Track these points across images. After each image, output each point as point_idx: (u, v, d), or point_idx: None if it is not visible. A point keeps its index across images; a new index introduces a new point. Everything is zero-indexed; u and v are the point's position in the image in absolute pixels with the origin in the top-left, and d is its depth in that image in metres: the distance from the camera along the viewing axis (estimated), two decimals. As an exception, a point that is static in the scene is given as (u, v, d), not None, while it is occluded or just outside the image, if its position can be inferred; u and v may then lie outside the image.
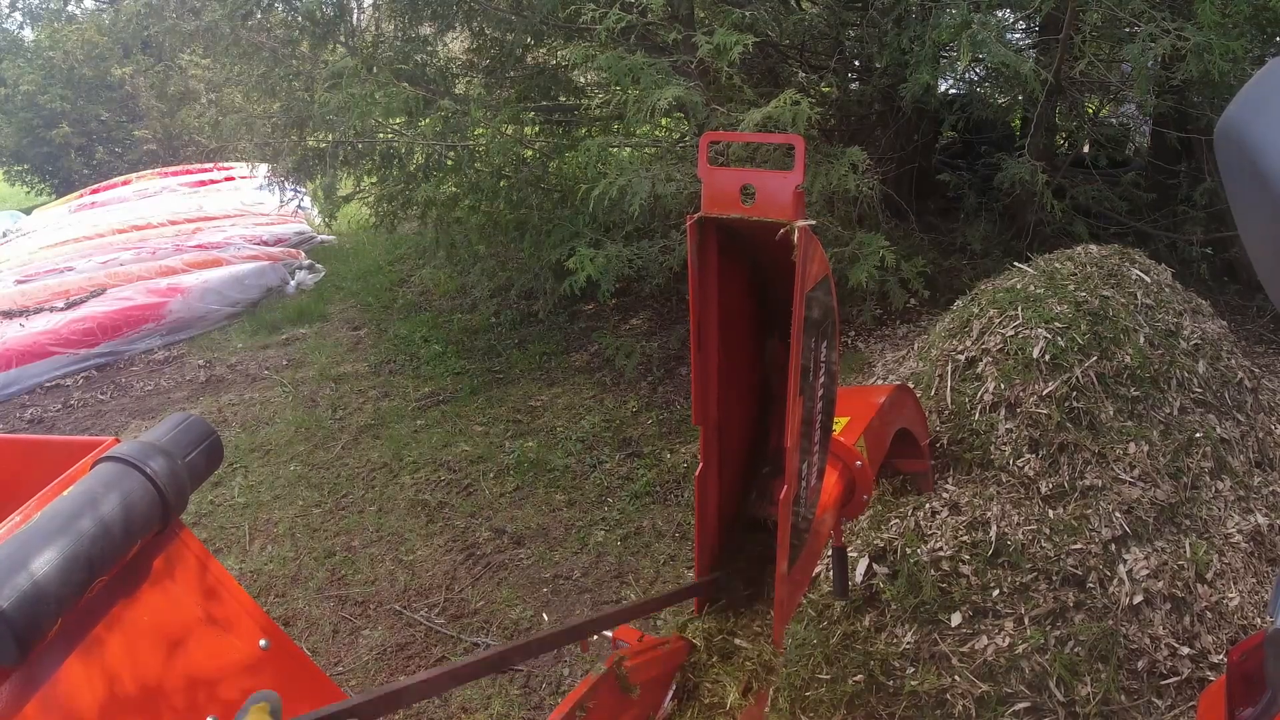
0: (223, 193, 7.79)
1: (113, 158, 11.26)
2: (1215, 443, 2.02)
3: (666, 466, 2.95)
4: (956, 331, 2.17)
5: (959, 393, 2.02)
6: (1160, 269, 2.39)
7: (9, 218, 8.47)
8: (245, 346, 4.90)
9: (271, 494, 3.16)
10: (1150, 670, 1.66)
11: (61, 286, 5.31)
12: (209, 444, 0.96)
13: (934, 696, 1.67)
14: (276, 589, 2.61)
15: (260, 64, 3.95)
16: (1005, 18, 3.63)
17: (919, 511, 1.90)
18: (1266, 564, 1.89)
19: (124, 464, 0.87)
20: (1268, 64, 0.73)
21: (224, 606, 0.97)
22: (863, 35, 3.59)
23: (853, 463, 1.34)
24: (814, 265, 0.98)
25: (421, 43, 3.84)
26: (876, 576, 1.85)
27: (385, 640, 2.33)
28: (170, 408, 4.23)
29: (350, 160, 3.98)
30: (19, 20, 13.68)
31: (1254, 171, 0.68)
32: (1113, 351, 2.01)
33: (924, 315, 3.67)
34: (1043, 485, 1.84)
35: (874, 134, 4.05)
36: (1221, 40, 2.50)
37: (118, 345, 4.89)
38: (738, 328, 1.17)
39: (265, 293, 5.63)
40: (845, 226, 3.25)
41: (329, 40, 3.85)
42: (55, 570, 0.75)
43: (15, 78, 11.10)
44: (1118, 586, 1.73)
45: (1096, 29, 3.25)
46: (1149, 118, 3.96)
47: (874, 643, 1.77)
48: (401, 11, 3.63)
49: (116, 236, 6.57)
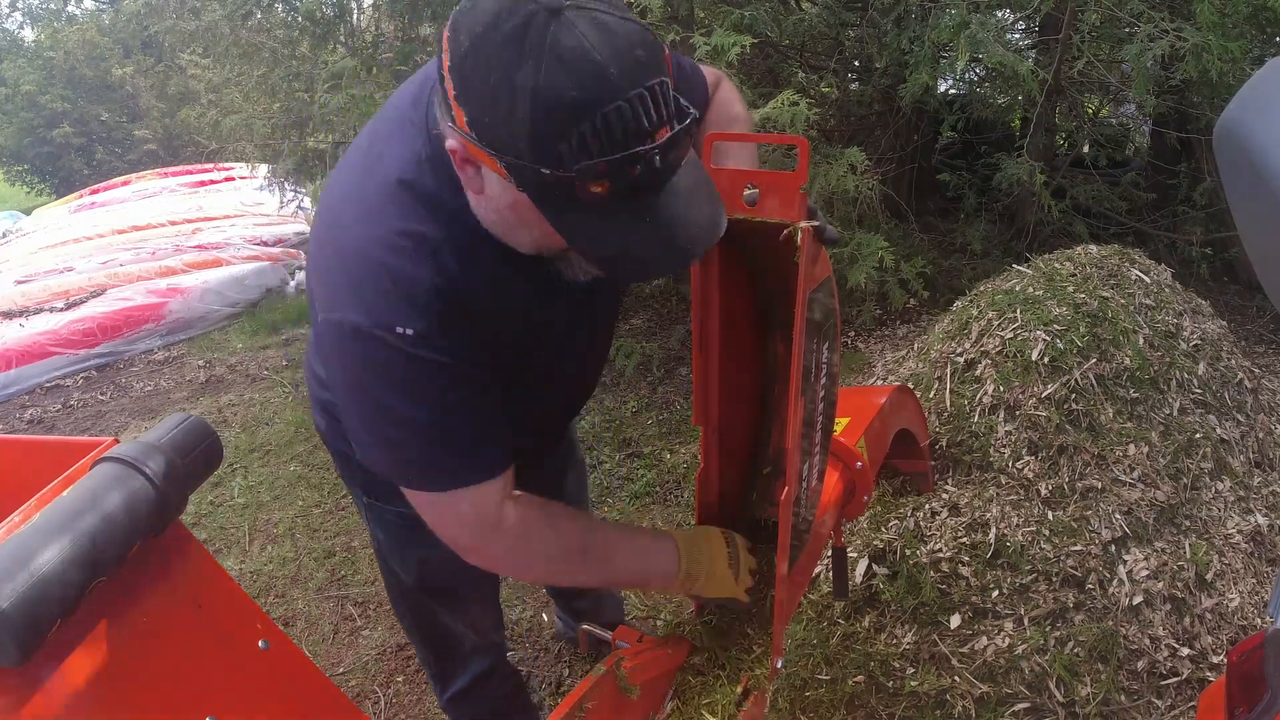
0: (223, 193, 7.77)
1: (113, 158, 11.25)
2: (1215, 443, 2.02)
3: (666, 467, 2.95)
4: (955, 333, 2.17)
5: (958, 395, 2.02)
6: (1160, 269, 2.39)
7: (9, 218, 8.46)
8: (245, 346, 4.90)
9: (271, 494, 3.17)
10: (1150, 671, 1.66)
11: (61, 287, 5.31)
12: (209, 444, 0.97)
13: (934, 697, 1.67)
14: (276, 589, 2.61)
15: (260, 64, 3.95)
16: (1004, 18, 3.63)
17: (919, 513, 1.91)
18: (1266, 564, 1.89)
19: (124, 464, 0.87)
20: (1267, 64, 0.73)
21: (224, 607, 0.98)
22: (862, 35, 3.59)
23: (853, 464, 1.34)
24: (817, 266, 0.98)
25: (421, 43, 3.84)
26: (876, 577, 1.85)
27: (385, 640, 2.33)
28: (170, 408, 4.23)
29: (350, 161, 3.98)
30: (19, 20, 13.71)
31: (1254, 171, 0.68)
32: (1112, 353, 2.01)
33: (924, 315, 3.68)
34: (1042, 487, 1.85)
35: (873, 134, 4.05)
36: (1220, 40, 2.50)
37: (118, 346, 4.89)
38: (739, 328, 1.17)
39: (265, 293, 5.62)
40: (844, 227, 3.25)
41: (329, 41, 3.85)
42: (55, 571, 0.76)
43: (15, 78, 11.09)
44: (1117, 587, 1.73)
45: (1095, 29, 3.25)
46: (1149, 118, 3.96)
47: (874, 643, 1.77)
48: (401, 12, 3.63)
49: (116, 237, 6.57)
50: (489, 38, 0.72)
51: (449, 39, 0.75)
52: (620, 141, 0.72)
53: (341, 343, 0.89)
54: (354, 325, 0.86)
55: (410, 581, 1.40)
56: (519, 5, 0.72)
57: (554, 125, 0.71)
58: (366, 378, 0.89)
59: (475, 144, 0.76)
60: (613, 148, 0.72)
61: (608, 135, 0.71)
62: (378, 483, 1.24)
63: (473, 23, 0.73)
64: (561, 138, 0.71)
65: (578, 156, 0.71)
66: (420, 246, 0.87)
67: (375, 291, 0.86)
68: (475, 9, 0.74)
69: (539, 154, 0.72)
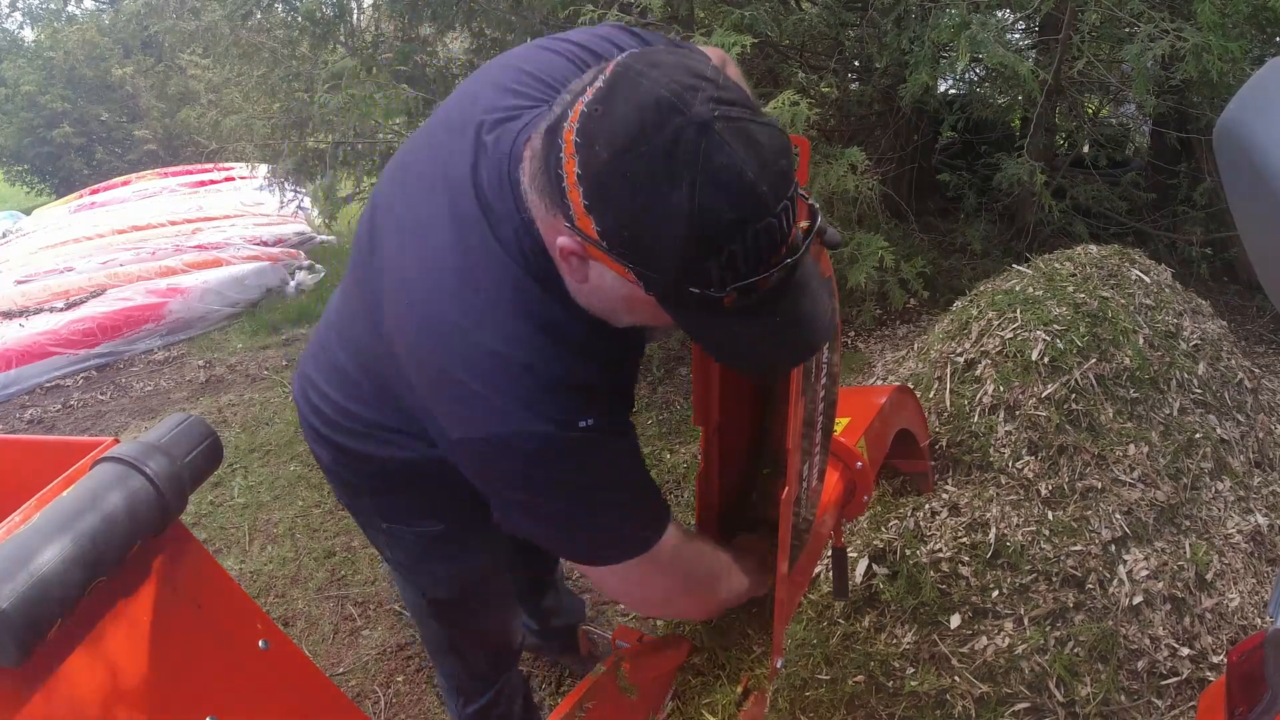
0: (223, 193, 7.77)
1: (113, 158, 11.25)
2: (1215, 443, 2.02)
3: (666, 467, 2.94)
4: (955, 333, 2.17)
5: (958, 395, 2.02)
6: (1160, 269, 2.39)
7: (9, 218, 8.46)
8: (245, 347, 4.90)
9: (271, 494, 3.17)
10: (1150, 671, 1.66)
11: (61, 287, 5.31)
12: (209, 444, 0.96)
13: (934, 697, 1.67)
14: (276, 589, 2.61)
15: (260, 64, 3.94)
16: (1004, 18, 3.63)
17: (918, 513, 1.91)
18: (1266, 564, 1.89)
19: (124, 464, 0.87)
20: (1267, 64, 0.73)
21: (224, 607, 0.97)
22: (862, 35, 3.59)
23: (853, 464, 1.34)
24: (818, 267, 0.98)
25: (421, 43, 3.84)
26: (876, 577, 1.85)
27: (385, 640, 2.33)
28: (170, 408, 4.23)
29: (350, 161, 3.98)
30: (19, 20, 13.71)
31: (1254, 171, 0.68)
32: (1112, 353, 2.01)
33: (924, 315, 3.68)
34: (1042, 487, 1.85)
35: (873, 134, 4.05)
36: (1220, 40, 2.50)
37: (118, 346, 4.89)
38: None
39: (265, 293, 5.62)
40: (844, 227, 3.25)
41: (329, 41, 3.85)
42: (55, 571, 0.76)
43: (15, 78, 11.10)
44: (1117, 587, 1.73)
45: (1095, 29, 3.25)
46: (1149, 118, 3.96)
47: (874, 643, 1.77)
48: (401, 12, 3.63)
49: (116, 237, 6.56)
50: (634, 152, 0.69)
51: (577, 143, 0.72)
52: (765, 258, 0.72)
53: (518, 454, 0.86)
54: (534, 433, 0.84)
55: (443, 595, 1.36)
56: (665, 118, 0.69)
57: (706, 247, 0.70)
58: (559, 480, 0.88)
59: (604, 252, 0.74)
60: (758, 264, 0.71)
61: (755, 252, 0.71)
62: (395, 507, 1.22)
63: (612, 133, 0.70)
64: (711, 257, 0.70)
65: (724, 274, 0.71)
66: (559, 339, 0.86)
67: (542, 397, 0.84)
68: (612, 117, 0.71)
69: (686, 273, 0.71)
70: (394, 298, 0.93)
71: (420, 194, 0.95)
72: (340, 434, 1.15)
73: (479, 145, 0.90)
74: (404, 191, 0.98)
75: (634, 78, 0.71)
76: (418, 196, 0.95)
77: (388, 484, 1.19)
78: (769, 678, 1.15)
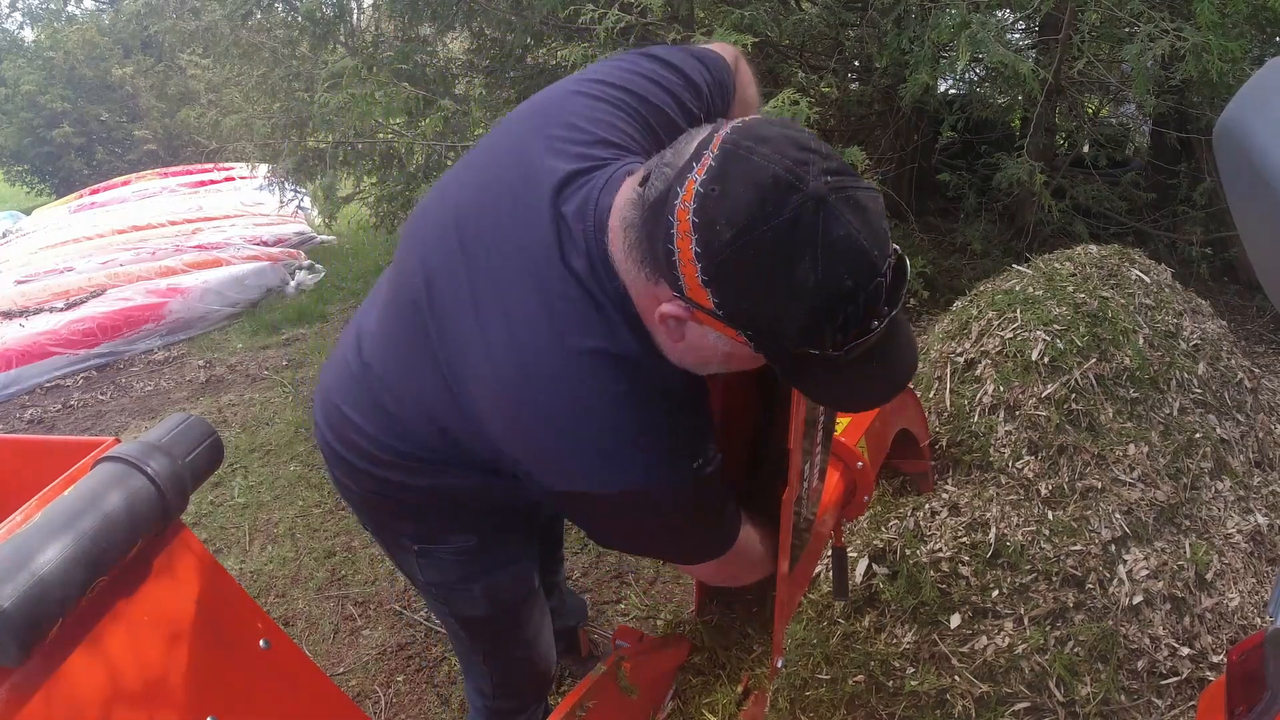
0: (223, 193, 7.78)
1: (113, 158, 11.26)
2: (1215, 443, 2.02)
3: (666, 467, 2.94)
4: (955, 333, 2.17)
5: (958, 395, 2.02)
6: (1160, 269, 2.39)
7: (9, 218, 8.46)
8: (245, 347, 4.90)
9: (271, 494, 3.17)
10: (1150, 670, 1.66)
11: (61, 287, 5.31)
12: (209, 444, 0.96)
13: (934, 696, 1.67)
14: (276, 589, 2.61)
15: (260, 64, 3.95)
16: (1004, 18, 3.63)
17: (918, 512, 1.91)
18: (1266, 564, 1.89)
19: (124, 464, 0.87)
20: (1267, 64, 0.73)
21: (224, 606, 0.97)
22: (862, 35, 3.58)
23: (854, 464, 1.34)
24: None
25: (421, 43, 3.84)
26: (876, 577, 1.85)
27: (385, 640, 2.33)
28: (170, 408, 4.23)
29: (350, 160, 3.98)
30: (19, 20, 13.71)
31: (1254, 171, 0.68)
32: (1112, 353, 2.01)
33: (924, 315, 3.67)
34: (1042, 487, 1.85)
35: (873, 134, 4.05)
36: (1220, 40, 2.50)
37: (118, 346, 4.89)
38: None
39: (265, 293, 5.62)
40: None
41: (329, 40, 3.85)
42: (56, 570, 0.76)
43: (15, 78, 11.10)
44: (1117, 587, 1.73)
45: (1095, 29, 3.24)
46: (1149, 118, 3.96)
47: (874, 643, 1.77)
48: (401, 12, 3.63)
49: (116, 237, 6.57)
50: (756, 231, 0.72)
51: (694, 223, 0.74)
52: (872, 316, 0.76)
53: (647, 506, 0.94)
54: (661, 482, 0.91)
55: (481, 612, 1.33)
56: (784, 197, 0.71)
57: (825, 316, 0.74)
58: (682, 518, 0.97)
59: (719, 320, 0.77)
60: (868, 323, 0.76)
61: (866, 312, 0.75)
62: (432, 528, 1.22)
63: (733, 213, 0.72)
64: (827, 324, 0.74)
65: (837, 335, 0.75)
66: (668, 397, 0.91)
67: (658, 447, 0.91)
68: (731, 197, 0.73)
69: (806, 339, 0.75)
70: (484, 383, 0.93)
71: (493, 265, 0.93)
72: (380, 467, 1.13)
73: (557, 217, 0.90)
74: (466, 256, 0.96)
75: (745, 155, 0.73)
76: (488, 266, 0.94)
77: (427, 508, 1.18)
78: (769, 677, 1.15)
